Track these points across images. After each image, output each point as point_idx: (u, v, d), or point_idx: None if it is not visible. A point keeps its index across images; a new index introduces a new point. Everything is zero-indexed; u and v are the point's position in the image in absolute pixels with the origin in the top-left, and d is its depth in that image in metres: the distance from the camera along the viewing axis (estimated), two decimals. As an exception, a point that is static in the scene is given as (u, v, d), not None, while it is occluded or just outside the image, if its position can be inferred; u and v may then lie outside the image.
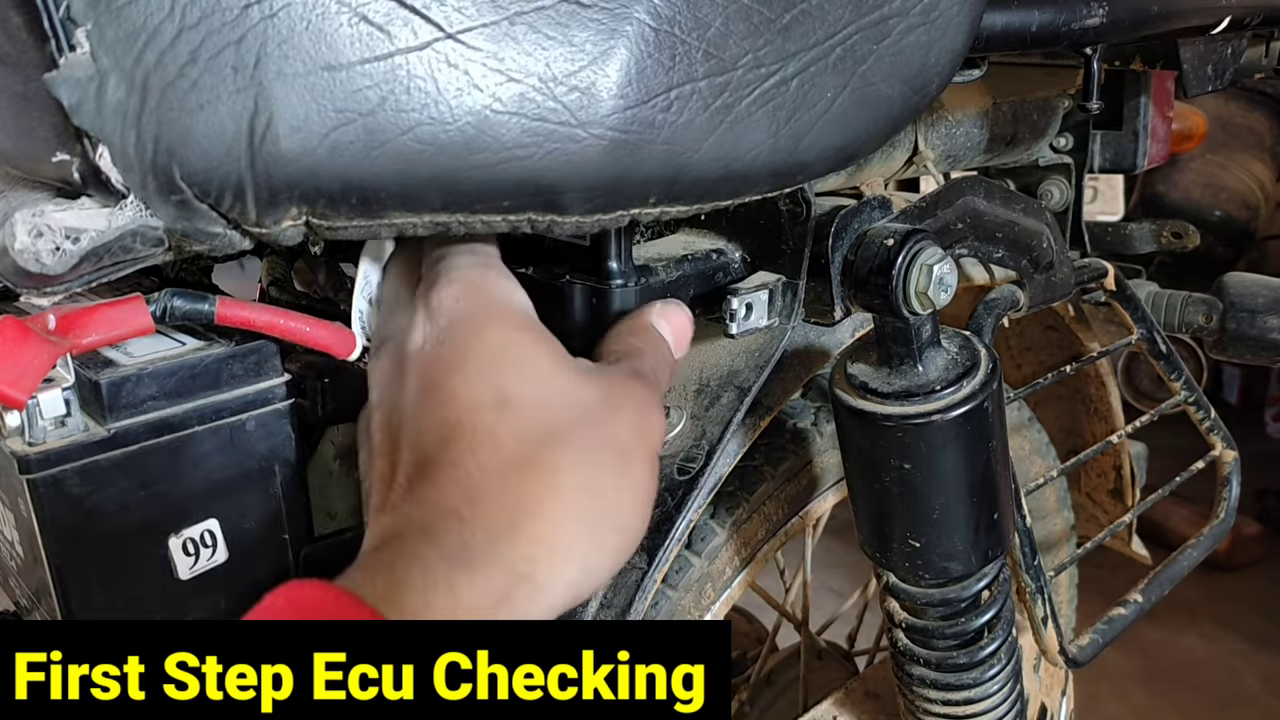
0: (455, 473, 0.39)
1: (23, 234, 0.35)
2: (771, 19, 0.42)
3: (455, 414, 0.40)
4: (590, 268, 0.50)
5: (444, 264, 0.44)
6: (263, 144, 0.35)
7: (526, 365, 0.42)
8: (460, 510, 0.38)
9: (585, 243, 0.49)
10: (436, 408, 0.41)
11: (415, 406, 0.41)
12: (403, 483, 0.40)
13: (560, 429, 0.41)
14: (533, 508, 0.39)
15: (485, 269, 0.45)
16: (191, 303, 0.42)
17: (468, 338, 0.42)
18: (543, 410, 0.41)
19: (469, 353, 0.41)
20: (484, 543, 0.38)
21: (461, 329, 0.42)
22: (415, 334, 0.43)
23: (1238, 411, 2.87)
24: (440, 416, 0.40)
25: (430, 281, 0.44)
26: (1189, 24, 0.68)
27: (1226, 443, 0.86)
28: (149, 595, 0.44)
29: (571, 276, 0.50)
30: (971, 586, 0.61)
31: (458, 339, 0.42)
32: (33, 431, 0.41)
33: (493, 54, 0.37)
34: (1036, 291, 0.68)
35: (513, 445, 0.40)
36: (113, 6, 0.32)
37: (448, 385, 0.41)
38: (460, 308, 0.42)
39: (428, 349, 0.42)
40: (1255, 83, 2.03)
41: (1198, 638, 2.06)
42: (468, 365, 0.41)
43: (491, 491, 0.39)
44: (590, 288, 0.50)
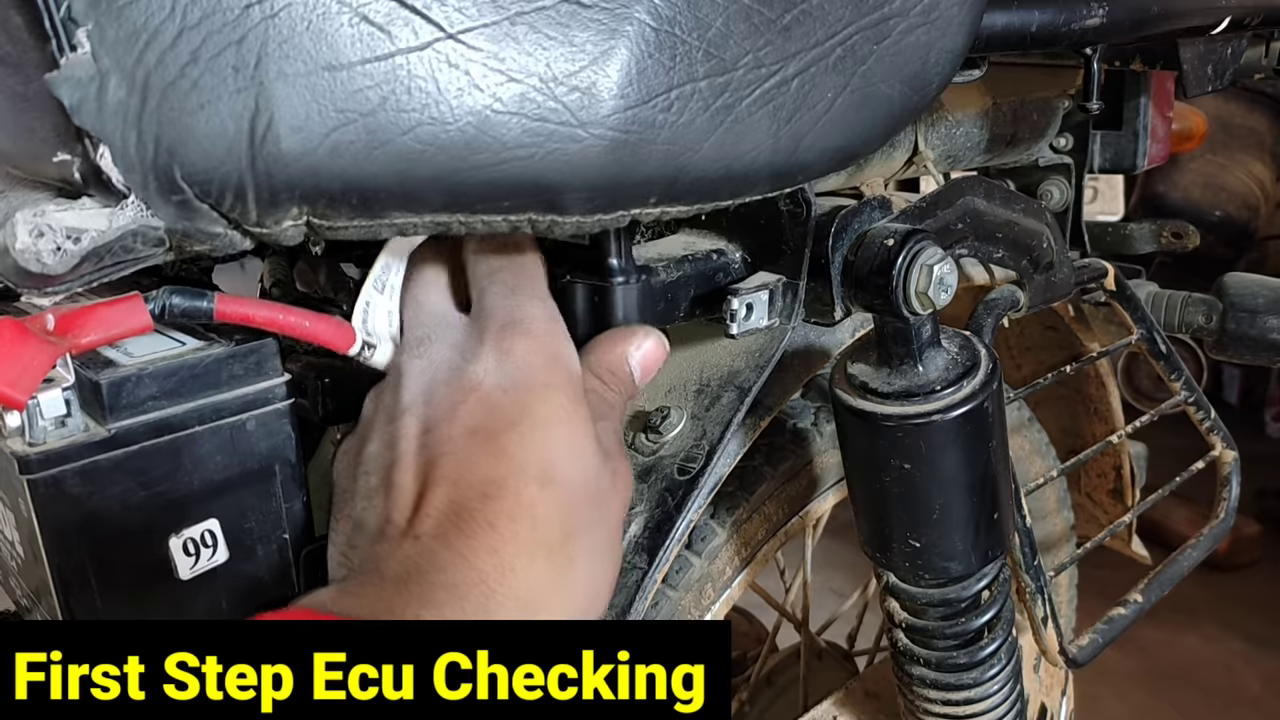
0: (492, 538, 0.40)
1: (24, 234, 0.35)
2: (772, 19, 0.42)
3: (502, 473, 0.41)
4: (591, 267, 0.50)
5: (519, 307, 0.45)
6: (264, 144, 0.35)
7: (573, 444, 0.43)
8: (489, 579, 0.40)
9: (585, 242, 0.50)
10: (486, 458, 0.42)
11: (463, 445, 0.42)
12: (434, 518, 0.41)
13: (583, 519, 0.43)
14: (548, 594, 0.41)
15: (555, 323, 0.46)
16: (190, 300, 0.42)
17: (531, 399, 0.43)
18: (576, 496, 0.43)
19: (528, 414, 0.43)
20: (504, 618, 0.40)
21: (526, 386, 0.43)
22: (480, 365, 0.44)
23: (1238, 411, 2.87)
24: (487, 470, 0.41)
25: (505, 322, 0.44)
26: (1189, 24, 0.68)
27: (1226, 443, 0.86)
28: (149, 595, 0.44)
29: (573, 276, 0.50)
30: (971, 586, 0.61)
31: (520, 394, 0.43)
32: (33, 432, 0.41)
33: (493, 54, 0.37)
34: (1036, 292, 0.68)
35: (545, 527, 0.41)
36: (114, 6, 0.32)
37: (501, 440, 0.42)
38: (531, 362, 0.44)
39: (488, 387, 0.43)
40: (1255, 83, 2.02)
41: (1198, 638, 2.06)
42: (524, 427, 0.42)
43: (519, 569, 0.40)
44: (592, 286, 0.50)
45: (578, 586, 0.43)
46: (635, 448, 0.56)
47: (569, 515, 0.42)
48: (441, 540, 0.40)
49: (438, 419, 0.43)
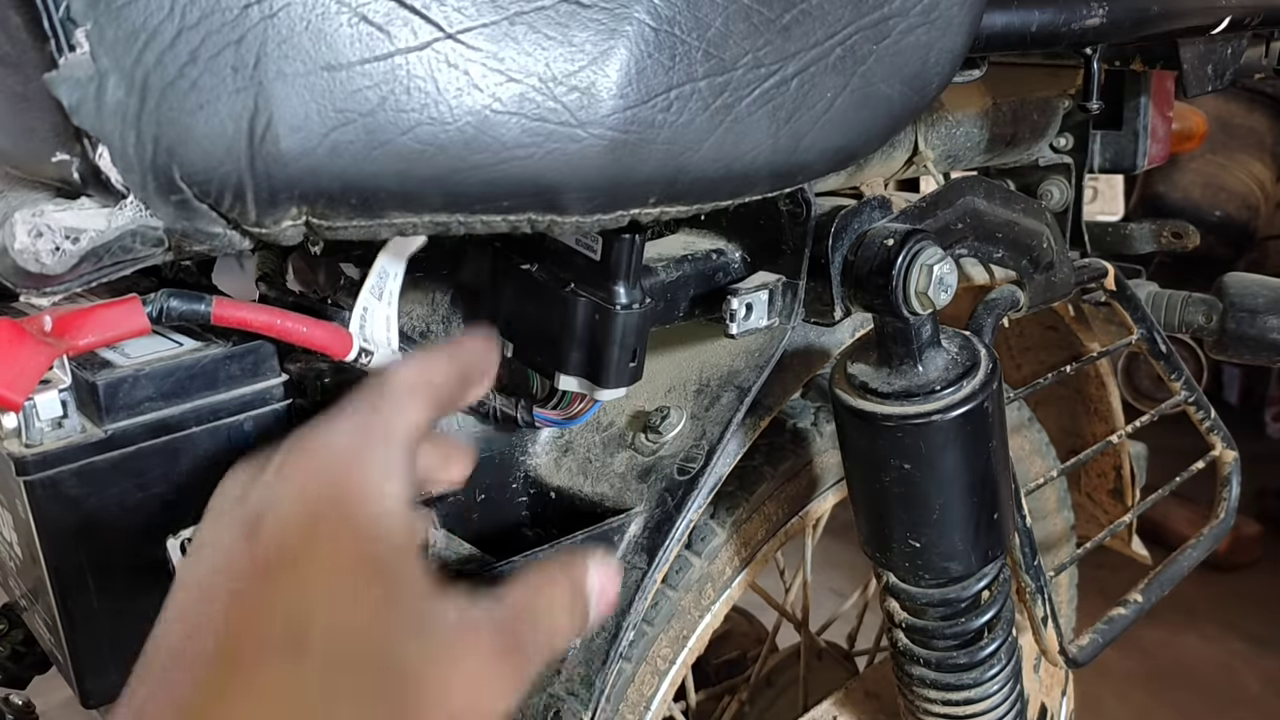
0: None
1: (22, 234, 0.35)
2: (771, 19, 0.42)
3: (245, 640, 0.31)
4: (597, 282, 0.48)
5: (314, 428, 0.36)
6: (263, 144, 0.35)
7: (345, 595, 0.32)
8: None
9: (595, 255, 0.48)
10: (233, 618, 0.31)
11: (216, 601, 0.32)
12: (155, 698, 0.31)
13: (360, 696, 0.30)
14: None
15: (362, 434, 0.35)
16: (188, 303, 0.42)
17: (303, 533, 0.33)
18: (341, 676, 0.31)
19: (289, 555, 0.32)
20: None
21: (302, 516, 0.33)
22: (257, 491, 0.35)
23: (1238, 411, 2.87)
24: (234, 633, 0.31)
25: (294, 440, 0.35)
26: (1189, 24, 0.68)
27: (1226, 443, 0.86)
28: (146, 596, 0.44)
29: (577, 288, 0.49)
30: (971, 586, 0.61)
31: (293, 527, 0.33)
32: (30, 433, 0.41)
33: (493, 54, 0.37)
34: (1036, 291, 0.68)
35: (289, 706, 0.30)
36: (112, 6, 0.32)
37: (249, 592, 0.32)
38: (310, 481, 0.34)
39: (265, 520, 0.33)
40: (1255, 83, 2.02)
41: (1198, 638, 2.06)
42: (280, 574, 0.32)
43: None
44: (595, 304, 0.48)
45: None
46: (635, 448, 0.56)
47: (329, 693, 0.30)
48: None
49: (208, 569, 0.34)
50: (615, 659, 0.55)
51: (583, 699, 0.57)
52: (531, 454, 0.58)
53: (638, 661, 0.66)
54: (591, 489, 0.56)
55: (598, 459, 0.57)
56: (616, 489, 0.55)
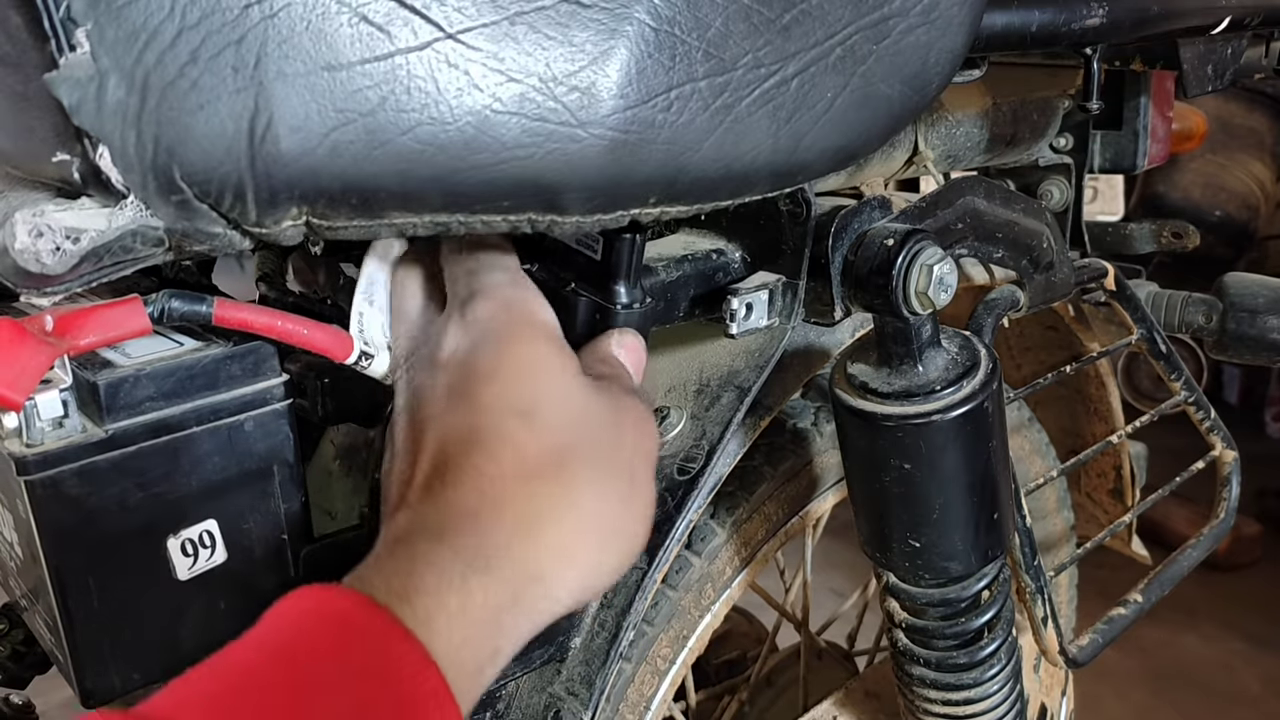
0: (477, 477, 0.40)
1: (23, 234, 0.35)
2: (771, 19, 0.42)
3: (481, 420, 0.41)
4: (598, 282, 0.49)
5: (478, 280, 0.46)
6: (263, 144, 0.35)
7: (551, 379, 0.43)
8: (479, 513, 0.39)
9: (596, 255, 0.49)
10: (463, 413, 0.42)
11: (442, 410, 0.42)
12: (420, 483, 0.41)
13: (578, 442, 0.42)
14: (549, 515, 0.40)
15: (517, 286, 0.46)
16: (189, 304, 0.42)
17: (499, 350, 0.43)
18: (563, 422, 0.42)
19: (500, 364, 0.43)
20: (501, 545, 0.39)
21: (494, 341, 0.43)
22: (448, 342, 0.44)
23: (1238, 411, 2.87)
24: (466, 422, 0.41)
25: (466, 296, 0.45)
26: (1189, 24, 0.68)
27: (1226, 443, 0.86)
28: (147, 596, 0.44)
29: (578, 287, 0.49)
30: (971, 586, 0.61)
31: (489, 350, 0.43)
32: (30, 433, 0.41)
33: (493, 54, 0.37)
34: (1036, 291, 0.68)
35: (534, 453, 0.41)
36: (113, 6, 0.32)
37: (476, 393, 0.42)
38: (494, 322, 0.44)
39: (460, 356, 0.43)
40: (1255, 83, 2.02)
41: (1198, 638, 2.06)
42: (498, 375, 0.42)
43: (511, 496, 0.40)
44: (595, 303, 0.49)
45: (585, 508, 0.42)
46: (635, 448, 0.56)
47: (553, 438, 0.42)
48: (429, 499, 0.41)
49: (423, 407, 0.44)
50: (615, 659, 0.55)
51: (583, 699, 0.57)
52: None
53: (638, 661, 0.66)
54: (591, 489, 0.56)
55: (598, 459, 0.57)
56: (616, 489, 0.55)
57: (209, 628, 0.46)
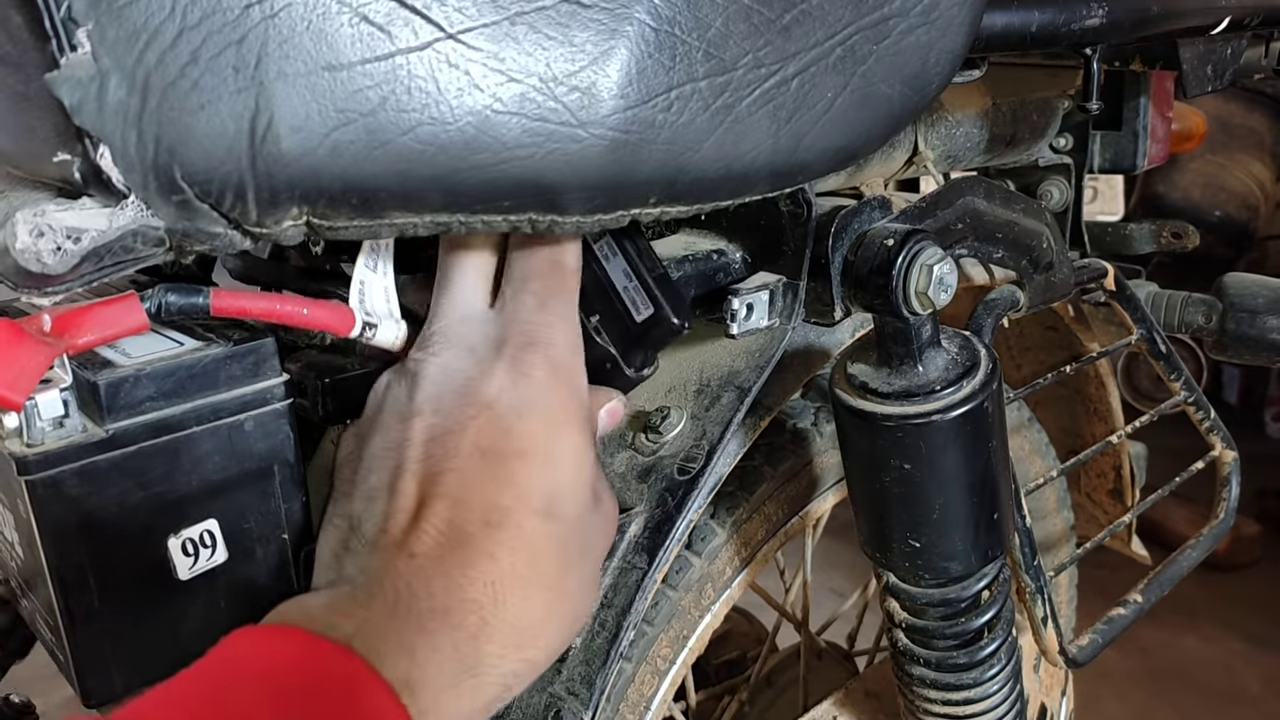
0: (490, 568, 0.40)
1: (24, 234, 0.35)
2: (772, 19, 0.42)
3: (507, 501, 0.41)
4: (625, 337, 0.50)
5: (545, 325, 0.44)
6: (264, 144, 0.35)
7: (578, 481, 0.43)
8: (484, 609, 0.40)
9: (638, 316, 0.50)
10: (491, 483, 0.41)
11: (469, 463, 0.42)
12: (431, 537, 0.41)
13: (578, 556, 0.43)
14: (539, 627, 0.42)
15: (577, 353, 0.45)
16: (186, 297, 0.42)
17: (544, 429, 0.43)
18: (575, 533, 0.43)
19: (539, 445, 0.42)
20: (495, 654, 0.40)
21: (539, 415, 0.43)
22: (495, 381, 0.43)
23: (1238, 411, 2.87)
24: (493, 496, 0.41)
25: (525, 337, 0.44)
26: (1189, 24, 0.68)
27: (1226, 443, 0.86)
28: (148, 596, 0.44)
29: (601, 327, 0.50)
30: (971, 586, 0.61)
31: (532, 424, 0.42)
32: (31, 433, 0.41)
33: (493, 54, 0.37)
34: (1036, 292, 0.68)
35: (543, 562, 0.42)
36: (114, 6, 0.32)
37: (510, 466, 0.42)
38: (546, 392, 0.43)
39: (502, 408, 0.42)
40: (1255, 83, 2.03)
41: (1198, 638, 2.06)
42: (533, 457, 0.42)
43: (514, 602, 0.41)
44: (612, 356, 0.50)
45: (566, 620, 0.43)
46: (635, 448, 0.56)
47: (565, 551, 0.42)
48: (437, 563, 0.40)
49: (447, 429, 0.42)
50: (615, 659, 0.55)
51: (583, 699, 0.57)
52: (532, 454, 0.58)
53: (638, 661, 0.66)
54: (592, 489, 0.56)
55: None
56: (617, 489, 0.55)
57: (210, 627, 0.46)
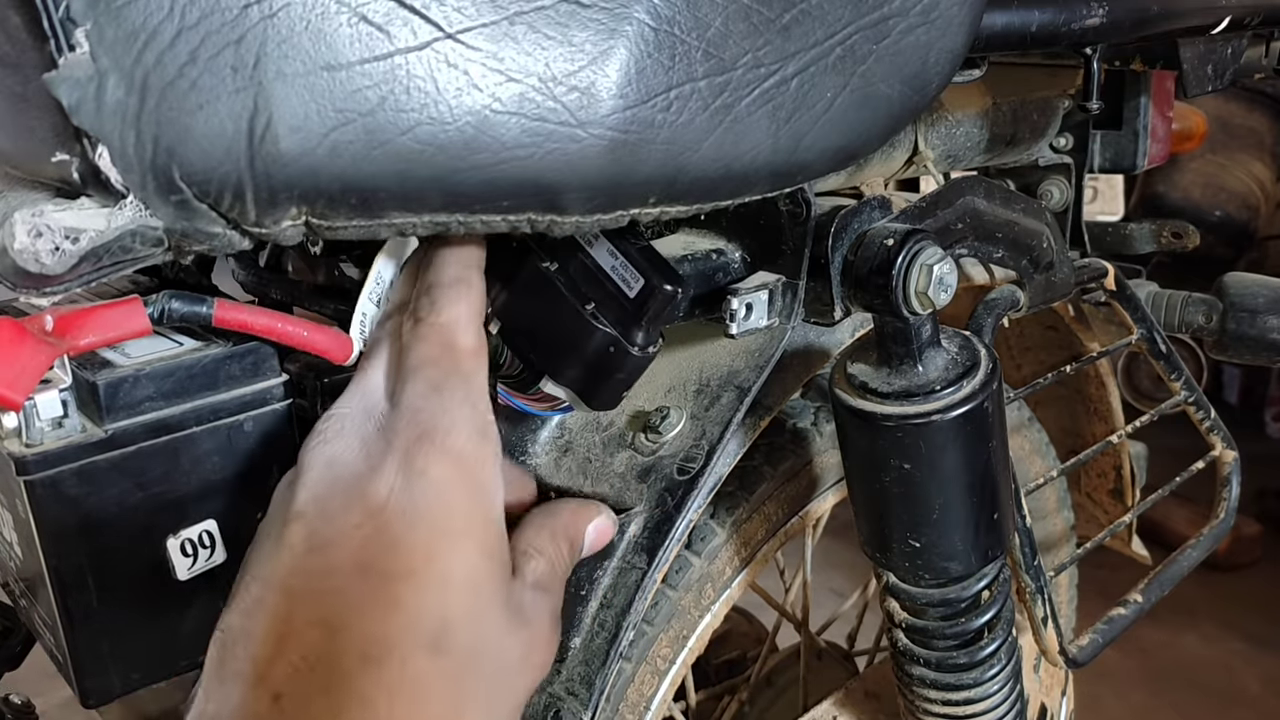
0: (363, 715, 0.34)
1: (22, 234, 0.35)
2: (771, 19, 0.42)
3: (391, 631, 0.36)
4: (622, 317, 0.48)
5: (441, 411, 0.39)
6: (262, 144, 0.35)
7: (477, 607, 0.38)
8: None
9: (630, 292, 0.48)
10: (373, 608, 0.36)
11: (349, 581, 0.36)
12: (299, 670, 0.35)
13: (480, 695, 0.37)
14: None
15: (484, 442, 0.40)
16: (189, 305, 0.42)
17: (437, 543, 0.37)
18: (473, 668, 0.37)
19: (431, 561, 0.37)
20: None
21: (434, 522, 0.37)
22: (383, 480, 0.38)
23: (1238, 411, 2.87)
24: (374, 625, 0.36)
25: (418, 429, 0.38)
26: (1189, 24, 0.68)
27: (1226, 443, 0.86)
28: (147, 596, 0.44)
29: (598, 312, 0.49)
30: (971, 586, 0.61)
31: (424, 533, 0.37)
32: (30, 433, 0.41)
33: (492, 54, 0.37)
34: (1036, 291, 0.68)
35: (429, 705, 0.36)
36: (112, 6, 0.32)
37: (395, 589, 0.36)
38: (444, 493, 0.38)
39: (390, 513, 0.37)
40: (1255, 83, 2.03)
41: (1198, 638, 2.06)
42: (424, 576, 0.37)
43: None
44: (613, 338, 0.48)
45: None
46: (635, 447, 0.56)
47: (459, 691, 0.37)
48: (305, 708, 0.34)
49: (328, 540, 0.37)
50: (615, 659, 0.55)
51: (583, 699, 0.57)
52: (531, 454, 0.58)
53: (638, 661, 0.66)
54: (591, 489, 0.56)
55: (597, 459, 0.57)
56: (616, 489, 0.55)
57: (208, 628, 0.45)
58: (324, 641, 0.35)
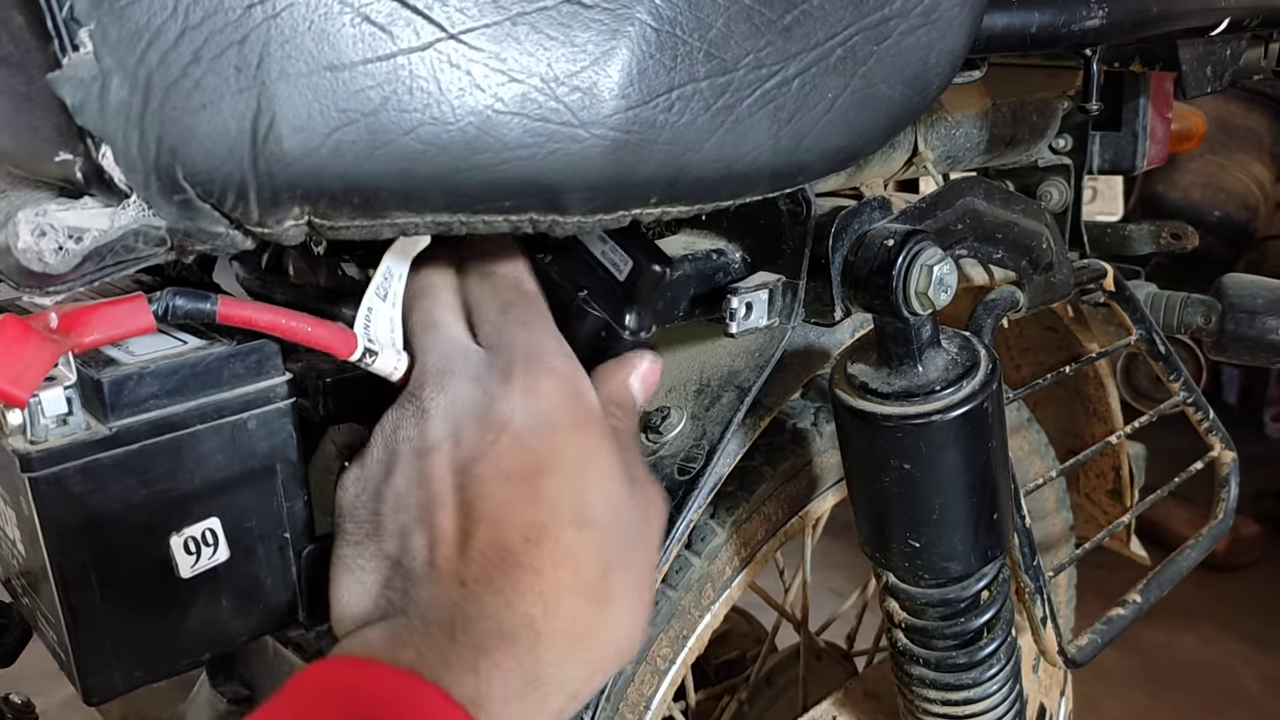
0: (537, 582, 0.41)
1: (26, 233, 0.35)
2: (773, 20, 0.42)
3: (541, 517, 0.42)
4: (613, 301, 0.49)
5: (537, 341, 0.45)
6: (265, 144, 0.35)
7: (604, 483, 0.44)
8: (536, 622, 0.41)
9: (620, 276, 0.49)
10: (523, 501, 0.42)
11: (499, 486, 0.42)
12: (479, 562, 0.42)
13: (619, 557, 0.44)
14: (591, 631, 0.43)
15: (572, 359, 0.46)
16: (193, 302, 0.42)
17: (560, 440, 0.43)
18: (610, 535, 0.44)
19: (558, 456, 0.43)
20: (552, 663, 0.42)
21: (554, 428, 0.44)
22: (506, 404, 0.43)
23: (1237, 412, 2.87)
24: (527, 513, 0.42)
25: (527, 357, 0.45)
26: (1188, 25, 0.69)
27: (1225, 443, 0.86)
28: (150, 593, 0.44)
29: (590, 298, 0.49)
30: (971, 586, 0.61)
31: (549, 436, 0.43)
32: (34, 430, 0.41)
33: (495, 54, 0.37)
34: (1036, 292, 0.68)
35: (585, 569, 0.43)
36: (116, 6, 0.32)
37: (536, 483, 0.43)
38: (557, 402, 0.44)
39: (517, 428, 0.43)
40: (1254, 84, 2.03)
41: (1197, 638, 2.06)
42: (558, 470, 0.43)
43: (563, 610, 0.42)
44: (605, 323, 0.49)
45: (617, 621, 0.44)
46: (635, 447, 0.56)
47: (605, 555, 0.43)
48: (488, 585, 0.41)
49: (470, 458, 0.43)
50: (615, 658, 0.55)
51: (583, 697, 0.57)
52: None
53: (638, 661, 0.66)
54: (592, 488, 0.56)
55: (598, 458, 0.57)
56: (617, 488, 0.55)
57: (210, 626, 0.46)
58: (491, 535, 0.42)
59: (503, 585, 0.41)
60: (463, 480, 0.43)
